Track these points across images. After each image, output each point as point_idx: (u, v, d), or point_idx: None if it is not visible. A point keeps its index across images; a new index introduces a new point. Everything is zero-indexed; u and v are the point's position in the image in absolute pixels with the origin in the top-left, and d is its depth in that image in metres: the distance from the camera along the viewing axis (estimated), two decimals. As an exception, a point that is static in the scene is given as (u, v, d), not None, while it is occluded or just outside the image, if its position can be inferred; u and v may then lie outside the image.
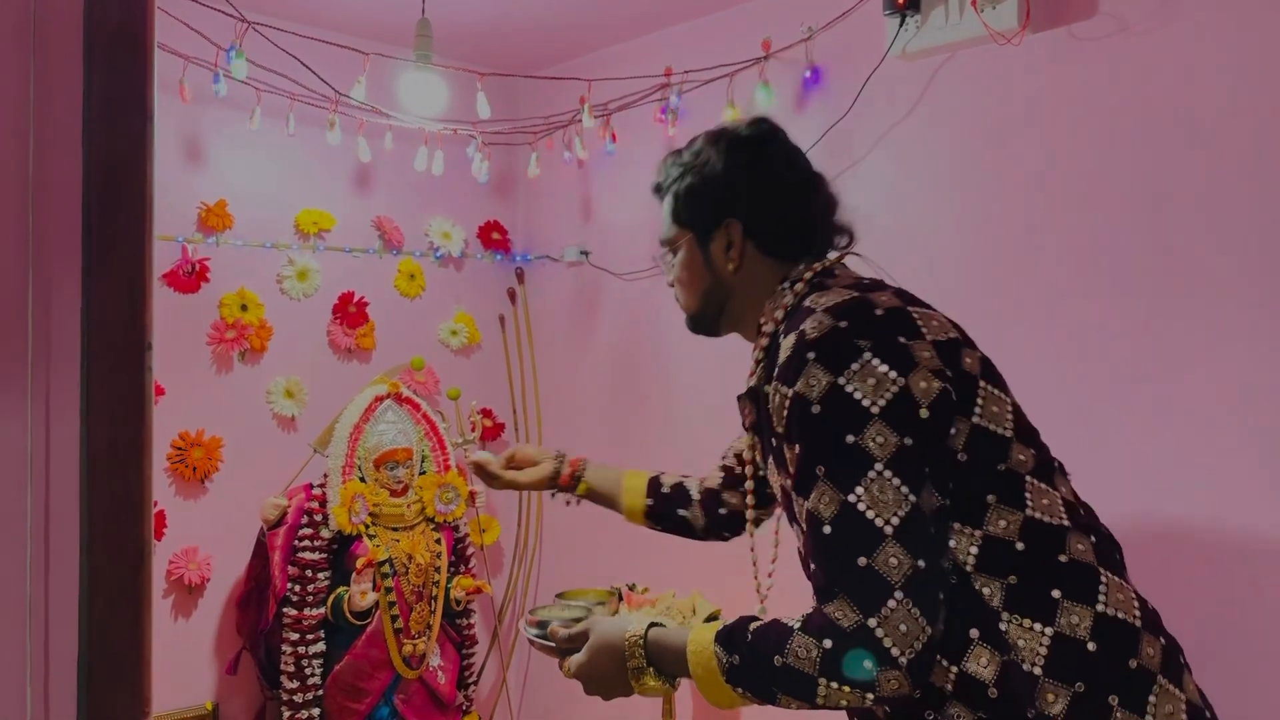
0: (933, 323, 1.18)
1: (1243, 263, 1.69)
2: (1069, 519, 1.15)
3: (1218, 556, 1.72)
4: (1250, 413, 1.68)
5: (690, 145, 1.36)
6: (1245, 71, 1.69)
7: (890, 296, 1.19)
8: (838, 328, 1.13)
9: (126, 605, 0.80)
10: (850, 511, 1.07)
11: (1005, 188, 2.00)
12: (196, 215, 2.55)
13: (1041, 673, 1.06)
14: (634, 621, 1.26)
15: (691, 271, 1.35)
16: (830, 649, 1.05)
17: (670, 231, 1.37)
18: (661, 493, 1.69)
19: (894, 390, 1.09)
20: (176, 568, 2.51)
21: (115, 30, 0.82)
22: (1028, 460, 1.16)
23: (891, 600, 1.03)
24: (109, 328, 0.80)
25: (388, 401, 2.60)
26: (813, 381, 1.11)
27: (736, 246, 1.30)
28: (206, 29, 2.36)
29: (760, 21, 2.42)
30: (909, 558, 1.04)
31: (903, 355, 1.11)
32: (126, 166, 0.82)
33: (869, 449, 1.07)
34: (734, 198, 1.29)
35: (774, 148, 1.32)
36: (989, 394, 1.17)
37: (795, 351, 1.14)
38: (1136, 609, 1.13)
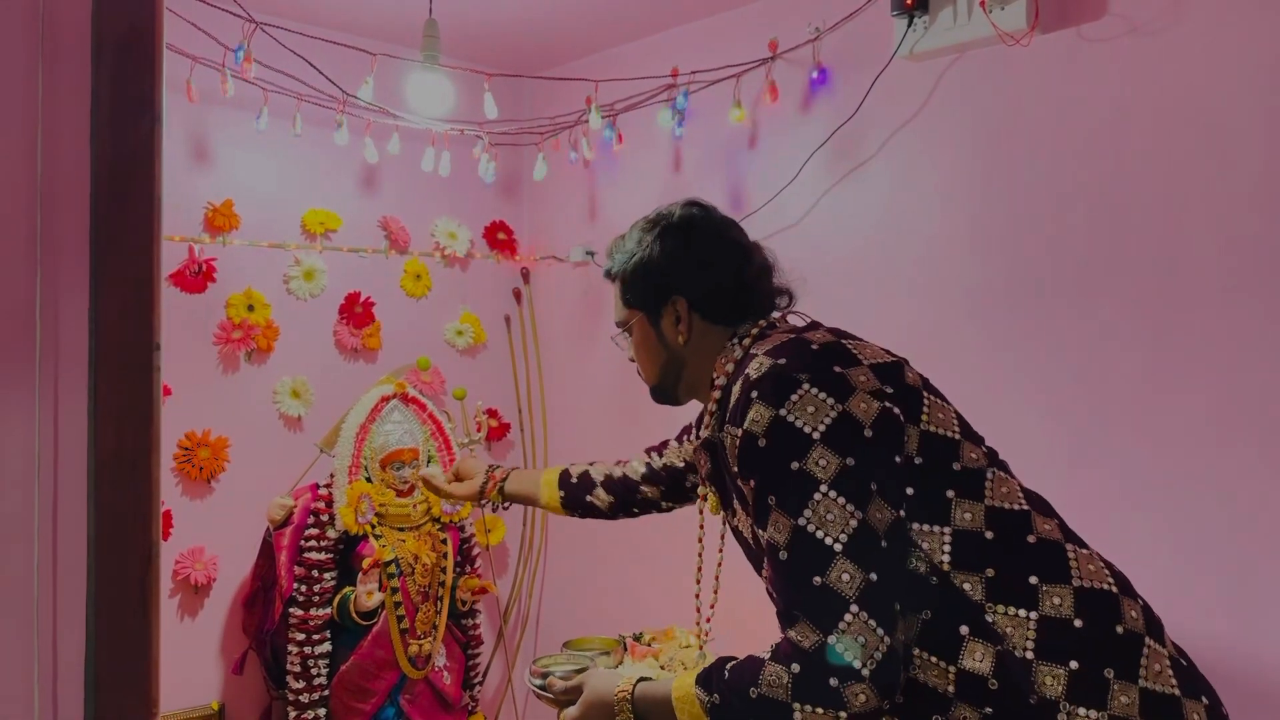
0: (867, 350, 1.27)
1: (1254, 264, 1.68)
2: (1029, 503, 1.21)
3: (1217, 564, 1.71)
4: (1260, 414, 1.67)
5: (630, 233, 1.47)
6: (1255, 72, 1.68)
7: (824, 333, 1.29)
8: (777, 364, 1.21)
9: (134, 607, 0.80)
10: (801, 534, 1.12)
11: (1014, 189, 2.00)
12: (203, 215, 2.55)
13: (1034, 656, 1.10)
14: (624, 677, 1.33)
15: (647, 347, 1.45)
16: (798, 673, 1.09)
17: (622, 313, 1.47)
18: (570, 483, 1.84)
19: (833, 415, 1.16)
20: (183, 568, 2.52)
21: (124, 32, 0.82)
22: (979, 458, 1.22)
23: (847, 614, 1.08)
24: (117, 328, 0.80)
25: (394, 401, 2.60)
26: (757, 417, 1.18)
27: (684, 320, 1.40)
28: (214, 29, 2.36)
29: (767, 22, 2.41)
30: (860, 571, 1.09)
31: (839, 382, 1.19)
32: (134, 167, 0.83)
33: (812, 472, 1.13)
34: (675, 277, 1.40)
35: (705, 225, 1.43)
36: (934, 403, 1.25)
37: (742, 394, 1.22)
38: (1109, 575, 1.19)
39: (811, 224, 2.33)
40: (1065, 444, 1.89)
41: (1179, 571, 1.74)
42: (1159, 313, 1.79)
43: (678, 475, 1.76)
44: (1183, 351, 1.76)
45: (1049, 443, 1.91)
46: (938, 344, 2.07)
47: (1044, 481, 1.40)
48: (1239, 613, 1.68)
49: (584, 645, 1.81)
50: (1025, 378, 1.97)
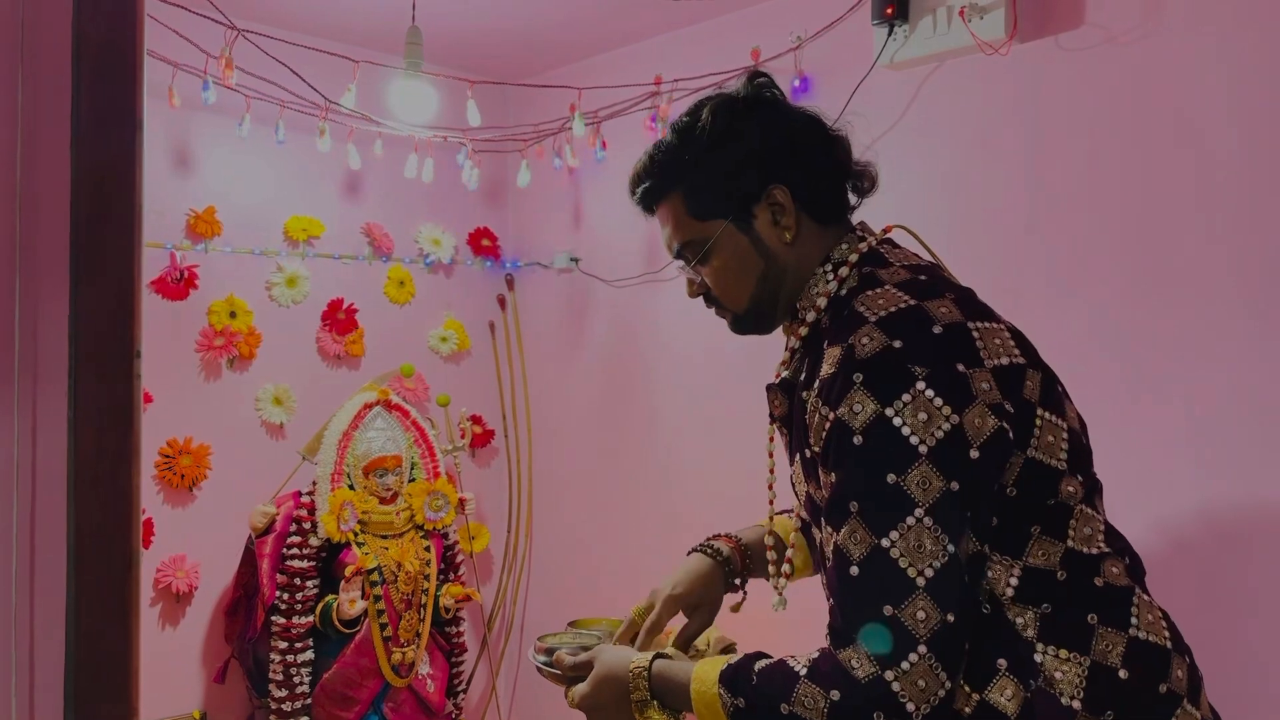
0: (994, 341, 1.08)
1: (1231, 270, 1.70)
2: (1107, 544, 1.10)
3: (1209, 559, 1.73)
4: (1240, 415, 1.69)
5: (686, 130, 1.21)
6: (1230, 79, 1.70)
7: (950, 306, 1.08)
8: (891, 348, 1.03)
9: (114, 614, 0.80)
10: (882, 556, 1.00)
11: (993, 196, 2.01)
12: (185, 222, 2.54)
13: (1081, 706, 1.02)
14: (639, 653, 1.23)
15: (739, 262, 1.20)
16: (838, 701, 1.00)
17: (696, 230, 1.21)
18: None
19: (946, 428, 1.00)
20: (164, 576, 2.50)
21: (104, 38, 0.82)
22: (1076, 491, 1.09)
23: (914, 655, 0.98)
24: (97, 335, 0.80)
25: (377, 408, 2.60)
26: (857, 408, 1.02)
27: (789, 212, 1.18)
28: (196, 36, 2.35)
29: (750, 30, 2.43)
30: (939, 612, 0.98)
31: (960, 387, 1.02)
32: (115, 174, 0.82)
33: (911, 492, 0.99)
34: (771, 161, 1.17)
35: (783, 100, 1.23)
36: (1046, 422, 1.08)
37: (841, 369, 1.04)
38: (1165, 630, 1.10)
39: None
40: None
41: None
42: (1137, 318, 1.81)
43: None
44: (1161, 356, 1.78)
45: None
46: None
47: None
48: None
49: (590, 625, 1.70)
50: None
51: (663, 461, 2.70)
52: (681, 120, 1.23)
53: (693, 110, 1.23)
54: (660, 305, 2.69)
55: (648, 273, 2.71)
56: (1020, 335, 1.14)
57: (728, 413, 2.51)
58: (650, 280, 2.71)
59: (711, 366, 2.56)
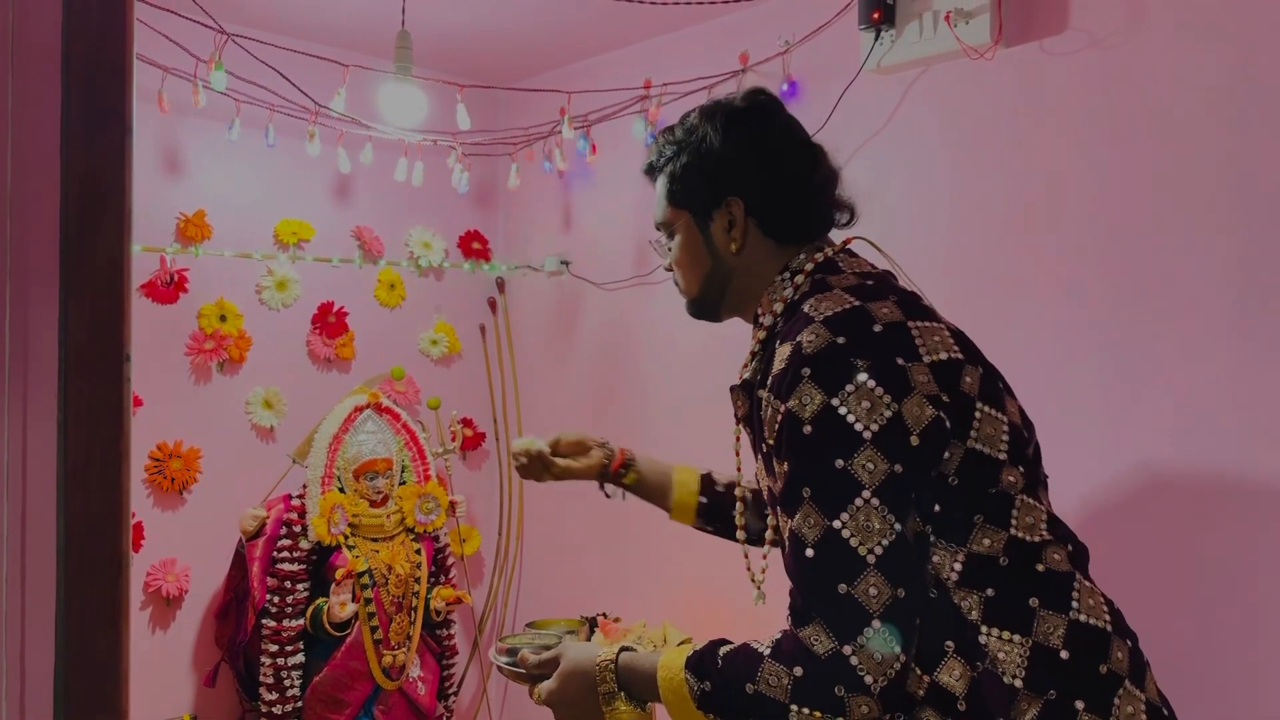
0: (933, 339, 1.15)
1: (1215, 272, 1.72)
2: (1049, 533, 1.15)
3: (1189, 558, 1.74)
4: (1226, 414, 1.71)
5: (684, 121, 1.30)
6: (1213, 84, 1.72)
7: (892, 306, 1.15)
8: (835, 343, 1.10)
9: (104, 618, 0.80)
10: (834, 537, 1.06)
11: (979, 200, 2.03)
12: (175, 225, 2.54)
13: (1022, 685, 1.07)
14: (605, 646, 1.26)
15: (691, 254, 1.30)
16: (801, 676, 1.05)
17: (666, 213, 1.31)
18: (716, 490, 1.60)
19: (888, 415, 1.07)
20: (154, 579, 2.50)
21: (93, 43, 0.82)
22: (1018, 480, 1.15)
23: (869, 629, 1.04)
24: (87, 338, 0.81)
25: (367, 411, 2.60)
26: (805, 400, 1.09)
27: (739, 225, 1.25)
28: (185, 40, 2.35)
29: (738, 35, 2.44)
30: (889, 587, 1.05)
31: (899, 378, 1.09)
32: (105, 178, 0.83)
33: (858, 475, 1.06)
34: (734, 174, 1.25)
35: (773, 120, 1.28)
36: (985, 415, 1.14)
37: (790, 365, 1.11)
38: (1106, 613, 1.15)
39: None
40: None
41: (1142, 566, 1.77)
42: (1122, 320, 1.83)
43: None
44: (1147, 357, 1.80)
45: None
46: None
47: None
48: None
49: (548, 626, 1.74)
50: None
51: (653, 464, 2.71)
52: (689, 116, 1.31)
53: (701, 108, 1.31)
54: (650, 308, 2.70)
55: (638, 276, 2.72)
56: (961, 335, 1.20)
57: (717, 415, 2.51)
58: (640, 283, 2.72)
59: (701, 369, 2.57)
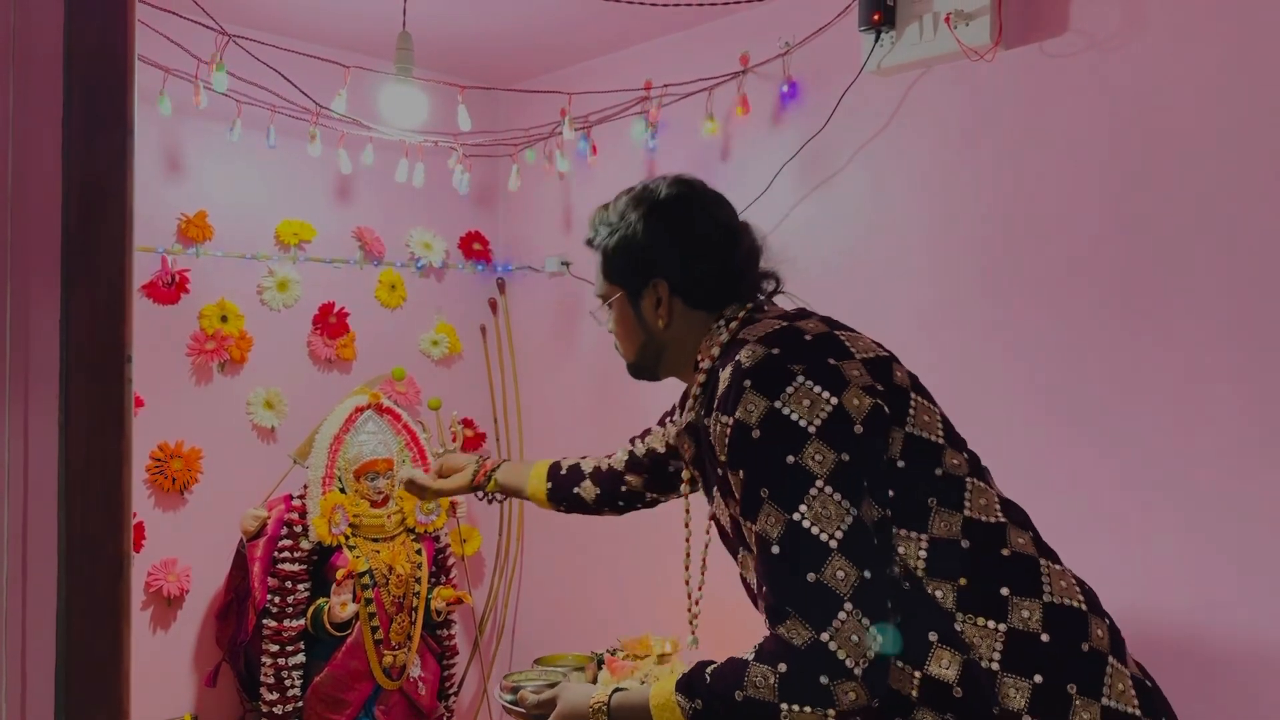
0: (860, 343, 1.24)
1: (1214, 274, 1.72)
2: (1005, 515, 1.20)
3: (1183, 577, 1.74)
4: (1218, 422, 1.71)
5: (615, 203, 1.39)
6: (1212, 86, 1.72)
7: (817, 323, 1.26)
8: (771, 354, 1.18)
9: (105, 618, 0.80)
10: (796, 529, 1.11)
11: (978, 201, 2.03)
12: (176, 226, 2.54)
13: (999, 668, 1.10)
14: (599, 687, 1.30)
15: (625, 326, 1.39)
16: (785, 672, 1.08)
17: (602, 287, 1.41)
18: (559, 475, 1.77)
19: (828, 409, 1.14)
20: (155, 579, 2.50)
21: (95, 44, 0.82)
22: (961, 464, 1.21)
23: (841, 612, 1.07)
24: (88, 339, 0.81)
25: (368, 412, 2.60)
26: (750, 407, 1.15)
27: (665, 304, 1.34)
28: (187, 41, 2.36)
29: (738, 36, 2.44)
30: (855, 569, 1.09)
31: (834, 375, 1.16)
32: (106, 179, 0.83)
33: (809, 467, 1.12)
34: (657, 259, 1.33)
35: (694, 207, 1.36)
36: (919, 404, 1.22)
37: (732, 381, 1.18)
38: (1079, 593, 1.18)
39: (782, 235, 2.36)
40: (1033, 451, 1.93)
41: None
42: (1121, 320, 1.83)
43: (661, 461, 1.65)
44: (1145, 357, 1.80)
45: (1018, 449, 1.94)
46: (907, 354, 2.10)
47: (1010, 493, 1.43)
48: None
49: (556, 661, 1.75)
50: (994, 387, 2.00)
51: (653, 464, 2.71)
52: (621, 198, 1.39)
53: (630, 192, 1.39)
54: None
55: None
56: (884, 346, 1.29)
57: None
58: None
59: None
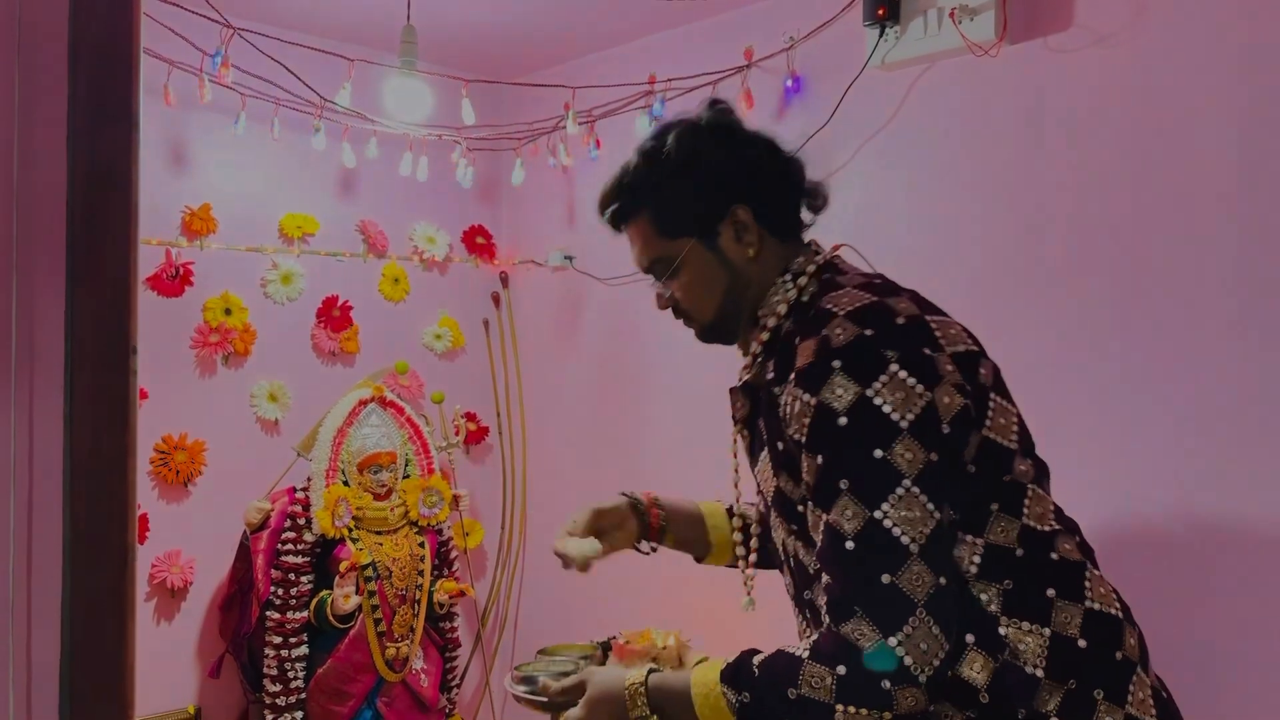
0: (950, 332, 1.17)
1: (1220, 271, 1.72)
2: (1057, 523, 1.17)
3: (1182, 559, 1.75)
4: (1226, 420, 1.71)
5: (647, 154, 1.29)
6: (1216, 79, 1.72)
7: (907, 303, 1.17)
8: (863, 336, 1.10)
9: (109, 609, 0.81)
10: (876, 528, 1.05)
11: (983, 197, 2.03)
12: (181, 219, 2.55)
13: (1044, 675, 1.07)
14: (633, 669, 1.25)
15: (705, 277, 1.29)
16: (845, 674, 1.04)
17: (664, 248, 1.30)
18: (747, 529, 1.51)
19: (921, 404, 1.07)
20: (159, 571, 2.51)
21: (100, 37, 0.82)
22: (1028, 470, 1.16)
23: (913, 618, 1.02)
24: (93, 332, 0.81)
25: (371, 405, 2.61)
26: (840, 391, 1.08)
27: (751, 230, 1.25)
28: (192, 34, 2.36)
29: (743, 31, 2.44)
30: (932, 575, 1.04)
31: (928, 368, 1.09)
32: (111, 172, 0.83)
33: (898, 465, 1.06)
34: (731, 182, 1.25)
35: (741, 123, 1.30)
36: (998, 406, 1.16)
37: (818, 357, 1.10)
38: (1116, 601, 1.16)
39: (786, 230, 2.36)
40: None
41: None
42: (1127, 316, 1.83)
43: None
44: (1151, 354, 1.80)
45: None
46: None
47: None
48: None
49: (561, 651, 1.73)
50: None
51: (656, 458, 2.71)
52: (647, 144, 1.30)
53: (658, 134, 1.30)
54: (653, 304, 2.69)
55: (641, 271, 2.72)
56: (970, 333, 1.22)
57: (720, 410, 2.52)
58: (644, 279, 2.71)
59: (705, 364, 2.57)
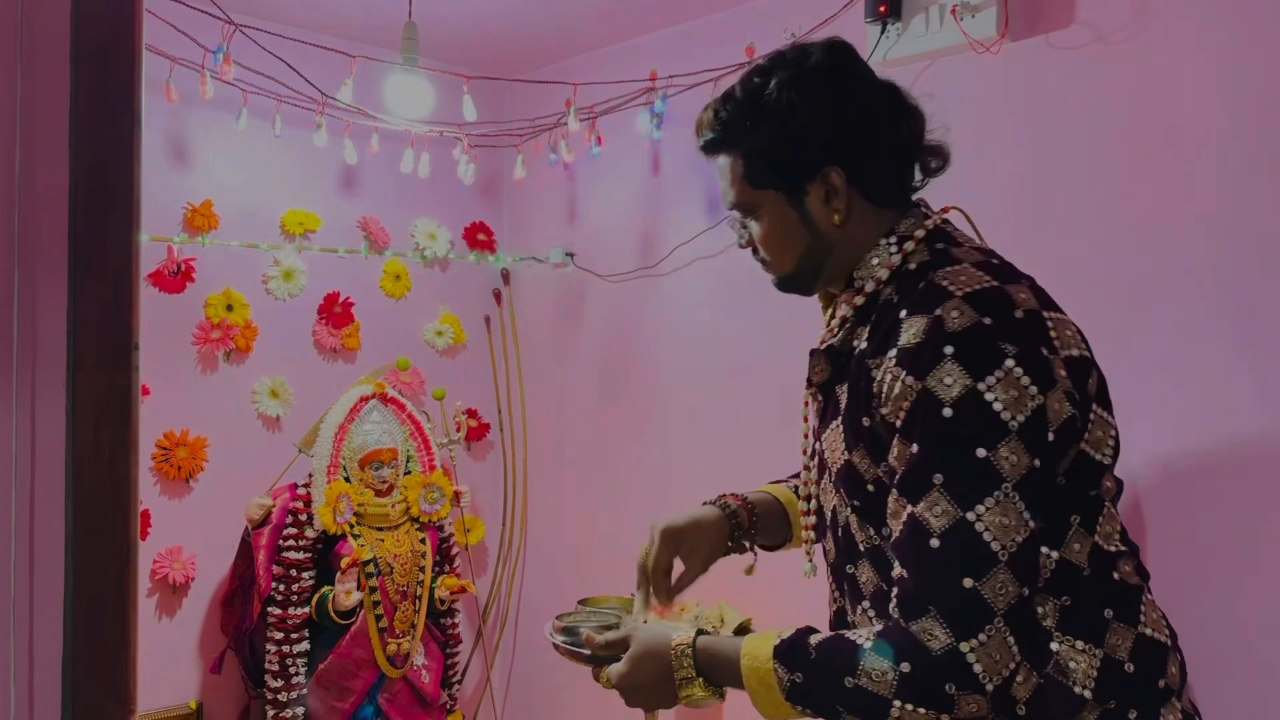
0: (1066, 332, 1.10)
1: (1219, 268, 1.72)
2: (1122, 544, 1.13)
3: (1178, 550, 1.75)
4: (1220, 418, 1.71)
5: (751, 87, 1.16)
6: (1219, 79, 1.72)
7: (1027, 293, 1.09)
8: (982, 324, 1.02)
9: (111, 605, 0.81)
10: (966, 530, 0.99)
11: (983, 194, 2.03)
12: (182, 215, 2.55)
13: (1091, 696, 1.05)
14: (679, 629, 1.18)
15: (785, 232, 1.17)
16: (909, 672, 0.99)
17: (747, 195, 1.18)
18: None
19: (1032, 407, 1.01)
20: (161, 567, 2.52)
21: (103, 33, 0.83)
22: (1111, 487, 1.12)
23: (990, 627, 0.98)
24: (96, 328, 0.81)
25: (373, 401, 2.61)
26: (949, 380, 1.01)
27: (841, 196, 1.14)
28: (193, 30, 2.36)
29: (744, 27, 2.44)
30: (1016, 585, 0.99)
31: (1045, 370, 1.03)
32: (113, 169, 0.83)
33: (1000, 467, 0.99)
34: (830, 142, 1.13)
35: (856, 72, 1.16)
36: (1098, 417, 1.10)
37: (929, 339, 1.02)
38: (1166, 628, 1.13)
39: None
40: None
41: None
42: (1126, 315, 1.83)
43: None
44: (1149, 354, 1.80)
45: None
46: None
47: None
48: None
49: (601, 603, 1.56)
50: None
51: (657, 454, 2.72)
52: (754, 80, 1.17)
53: (765, 69, 1.16)
54: (655, 300, 2.70)
55: (642, 268, 2.73)
56: (1083, 335, 1.14)
57: (721, 406, 2.52)
58: (645, 275, 2.72)
59: (705, 361, 2.57)
